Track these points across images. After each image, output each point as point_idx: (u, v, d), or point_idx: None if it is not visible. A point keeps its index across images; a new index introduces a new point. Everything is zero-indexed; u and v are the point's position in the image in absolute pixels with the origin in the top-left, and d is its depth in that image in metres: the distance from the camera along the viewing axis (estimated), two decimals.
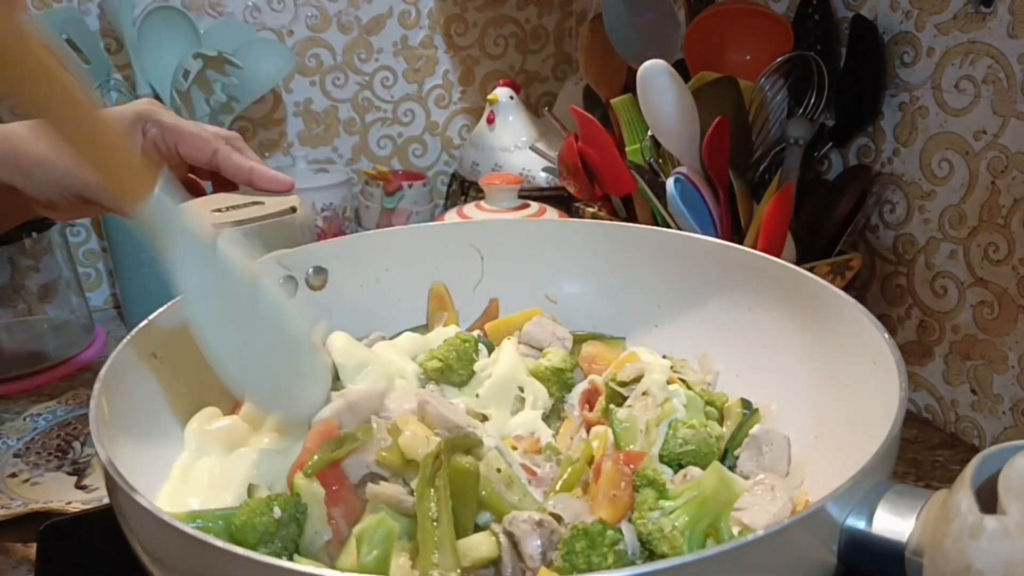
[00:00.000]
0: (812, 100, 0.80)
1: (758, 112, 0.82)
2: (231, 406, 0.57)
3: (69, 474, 0.73)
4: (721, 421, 0.57)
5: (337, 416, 0.51)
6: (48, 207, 0.66)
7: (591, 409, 0.59)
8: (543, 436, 0.56)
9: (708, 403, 0.58)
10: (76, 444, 0.78)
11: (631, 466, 0.48)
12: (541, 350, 0.64)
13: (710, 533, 0.45)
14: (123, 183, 0.45)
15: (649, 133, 0.84)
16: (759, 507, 0.46)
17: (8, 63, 0.39)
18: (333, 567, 0.44)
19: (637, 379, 0.57)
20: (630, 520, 0.46)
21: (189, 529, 0.36)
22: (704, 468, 0.50)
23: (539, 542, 0.42)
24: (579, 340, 0.67)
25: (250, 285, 0.50)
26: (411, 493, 0.46)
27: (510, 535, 0.43)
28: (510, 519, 0.43)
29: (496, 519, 0.45)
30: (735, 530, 0.45)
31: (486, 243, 0.71)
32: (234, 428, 0.53)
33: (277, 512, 0.44)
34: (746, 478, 0.50)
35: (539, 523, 0.43)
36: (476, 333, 0.65)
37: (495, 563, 0.43)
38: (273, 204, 0.66)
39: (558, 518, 0.45)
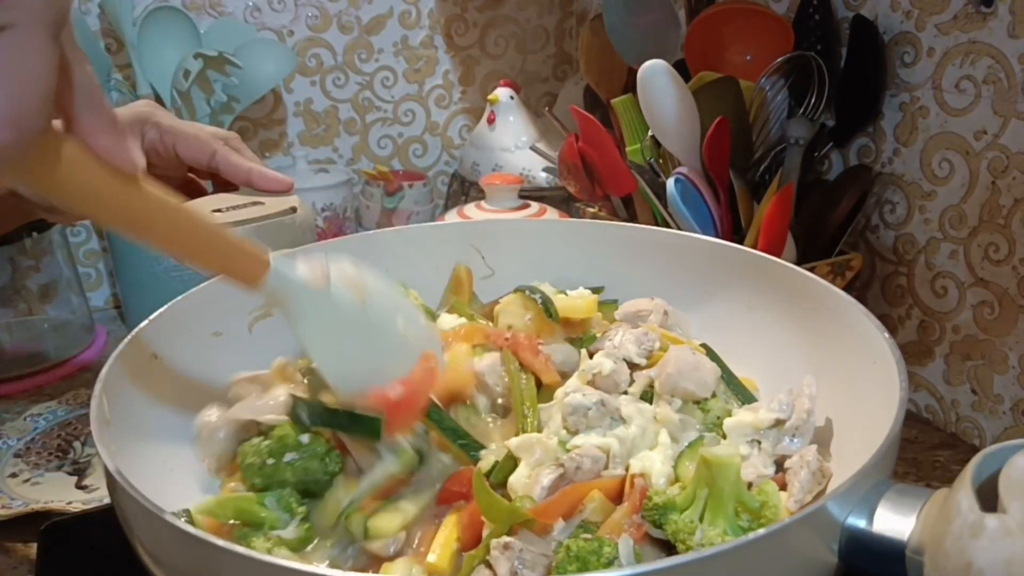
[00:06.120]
0: (812, 100, 0.80)
1: (758, 112, 0.82)
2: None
3: (69, 474, 0.73)
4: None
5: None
6: (50, 210, 0.66)
7: None
8: None
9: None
10: (76, 444, 0.78)
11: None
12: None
13: (739, 510, 0.44)
14: (242, 271, 0.46)
15: (649, 133, 0.84)
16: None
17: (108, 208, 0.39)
18: None
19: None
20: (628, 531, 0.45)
21: (189, 529, 0.36)
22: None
23: (509, 564, 0.42)
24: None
25: (360, 307, 0.50)
26: None
27: (489, 565, 0.43)
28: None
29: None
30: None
31: (486, 243, 0.71)
32: None
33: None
34: None
35: (505, 546, 0.43)
36: None
37: None
38: (273, 204, 0.66)
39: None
